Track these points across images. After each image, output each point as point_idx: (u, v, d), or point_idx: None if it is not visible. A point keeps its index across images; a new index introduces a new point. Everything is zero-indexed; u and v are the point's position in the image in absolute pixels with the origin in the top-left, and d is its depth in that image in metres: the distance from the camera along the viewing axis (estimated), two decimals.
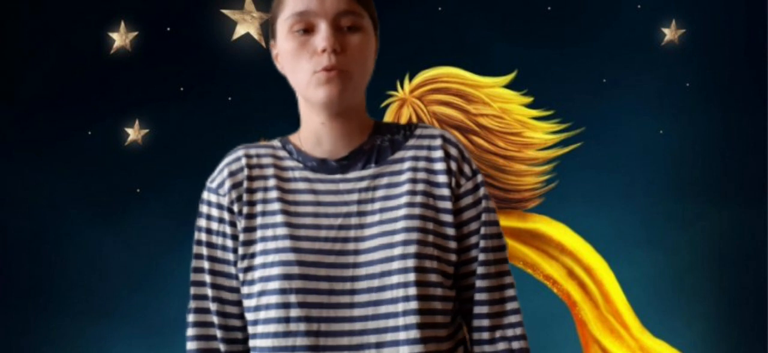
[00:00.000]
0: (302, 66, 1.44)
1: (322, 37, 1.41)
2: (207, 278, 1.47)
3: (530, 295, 3.74)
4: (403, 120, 3.97)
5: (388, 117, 3.98)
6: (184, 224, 4.03)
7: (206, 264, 1.47)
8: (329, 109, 1.45)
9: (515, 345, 1.44)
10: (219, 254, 1.46)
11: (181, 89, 4.04)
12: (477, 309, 1.44)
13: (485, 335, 1.43)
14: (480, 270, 1.44)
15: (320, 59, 1.41)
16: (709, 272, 4.05)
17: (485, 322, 1.44)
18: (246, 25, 4.03)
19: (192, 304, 1.50)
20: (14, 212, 4.00)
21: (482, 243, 1.45)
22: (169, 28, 4.06)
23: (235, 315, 1.45)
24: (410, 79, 3.97)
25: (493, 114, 3.93)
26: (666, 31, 4.10)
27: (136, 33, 4.03)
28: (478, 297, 1.44)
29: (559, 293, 3.98)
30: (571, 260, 3.99)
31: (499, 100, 3.95)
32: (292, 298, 1.33)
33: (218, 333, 1.44)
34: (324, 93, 1.41)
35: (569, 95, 3.99)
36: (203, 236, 1.48)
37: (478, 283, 1.44)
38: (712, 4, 4.11)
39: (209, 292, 1.46)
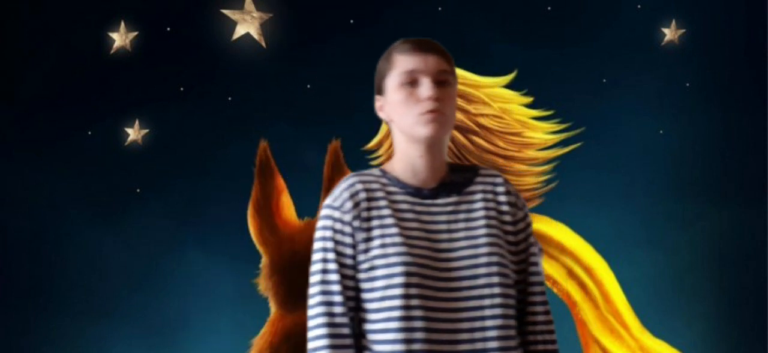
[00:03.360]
0: (410, 110, 1.90)
1: (426, 88, 1.90)
2: (334, 274, 1.90)
3: None
4: None
5: None
6: (184, 224, 4.09)
7: (333, 265, 1.90)
8: (429, 142, 1.91)
9: (550, 346, 1.99)
10: (340, 258, 1.90)
11: (181, 89, 4.04)
12: (535, 308, 1.97)
13: (540, 334, 1.96)
14: (535, 278, 1.97)
15: (425, 104, 1.89)
16: (709, 272, 4.06)
17: (540, 319, 1.96)
18: (246, 25, 4.03)
19: (317, 291, 1.91)
20: (14, 212, 4.00)
21: (531, 259, 1.97)
22: (169, 28, 4.06)
23: (351, 288, 1.91)
24: None
25: (493, 114, 3.92)
26: (666, 31, 4.10)
27: (136, 33, 4.03)
28: (536, 299, 1.97)
29: (559, 293, 3.98)
30: (571, 260, 3.99)
31: (499, 100, 3.94)
32: (413, 290, 1.84)
33: (339, 309, 1.89)
34: (428, 129, 1.89)
35: (569, 95, 3.99)
36: (329, 244, 1.91)
37: (535, 288, 1.97)
38: (712, 4, 4.11)
39: (335, 279, 1.90)
